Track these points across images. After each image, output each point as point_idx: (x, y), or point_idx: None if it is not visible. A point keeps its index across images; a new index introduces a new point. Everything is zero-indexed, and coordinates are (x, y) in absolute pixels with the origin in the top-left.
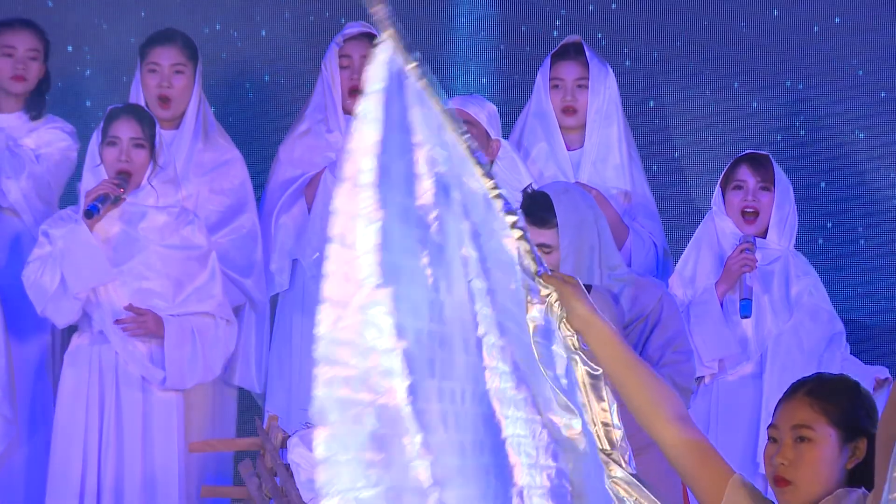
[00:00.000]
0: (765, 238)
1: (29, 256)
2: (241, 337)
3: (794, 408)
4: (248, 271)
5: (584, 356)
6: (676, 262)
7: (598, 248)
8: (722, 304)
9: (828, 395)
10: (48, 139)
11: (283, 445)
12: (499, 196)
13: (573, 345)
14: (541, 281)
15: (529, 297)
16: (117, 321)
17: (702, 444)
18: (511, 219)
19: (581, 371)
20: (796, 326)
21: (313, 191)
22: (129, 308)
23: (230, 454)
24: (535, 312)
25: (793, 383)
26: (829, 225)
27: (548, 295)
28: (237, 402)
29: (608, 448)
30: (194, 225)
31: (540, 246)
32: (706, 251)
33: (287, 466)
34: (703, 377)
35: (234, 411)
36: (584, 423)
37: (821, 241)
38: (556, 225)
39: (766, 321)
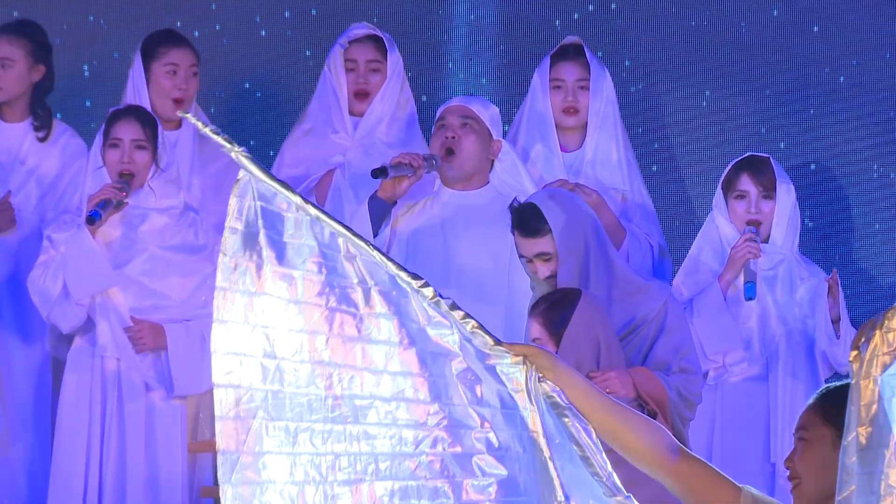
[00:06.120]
0: (767, 242)
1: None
2: None
3: (801, 413)
4: None
5: (574, 411)
6: (674, 261)
7: (595, 244)
8: (725, 298)
9: (829, 396)
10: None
11: None
12: (426, 285)
13: (560, 402)
14: (501, 348)
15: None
16: (127, 328)
17: (705, 468)
18: (447, 303)
19: (575, 423)
20: (803, 327)
21: (324, 190)
22: (129, 327)
23: None
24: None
25: None
26: (827, 224)
27: (515, 361)
28: None
29: (624, 495)
30: (197, 226)
31: (539, 255)
32: (708, 252)
33: None
34: (706, 373)
35: None
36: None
37: (818, 240)
38: (550, 231)
39: (771, 324)
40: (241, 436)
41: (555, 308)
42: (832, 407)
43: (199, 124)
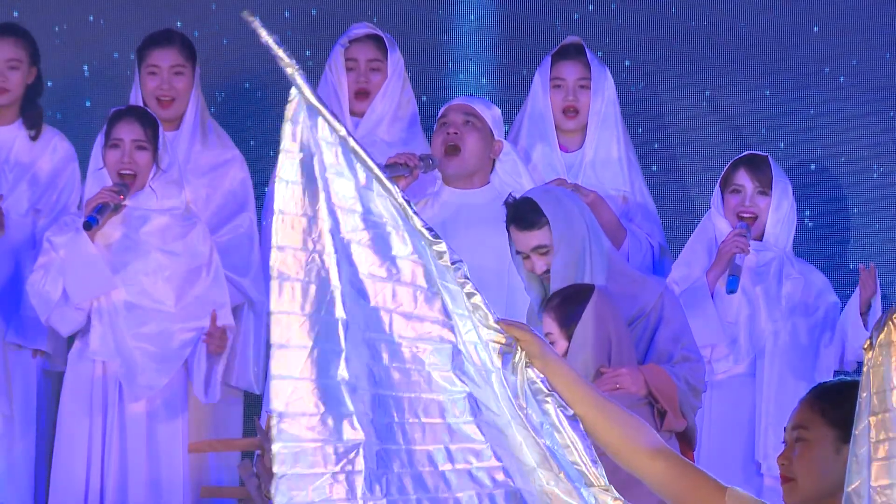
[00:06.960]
0: (761, 241)
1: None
2: (239, 337)
3: (798, 411)
4: (246, 271)
5: (557, 398)
6: (674, 261)
7: (591, 237)
8: (713, 294)
9: (830, 396)
10: (54, 167)
11: None
12: (443, 248)
13: (544, 388)
14: (496, 327)
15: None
16: (208, 334)
17: (687, 468)
18: (461, 268)
19: (558, 412)
20: (791, 325)
21: None
22: (213, 327)
23: (230, 454)
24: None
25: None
26: (827, 224)
27: (507, 344)
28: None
29: (604, 484)
30: (198, 231)
31: (536, 249)
32: (702, 250)
33: None
34: None
35: (240, 413)
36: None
37: (818, 239)
38: (547, 223)
39: (760, 321)
40: (295, 361)
41: (567, 303)
42: (834, 409)
43: (262, 31)
